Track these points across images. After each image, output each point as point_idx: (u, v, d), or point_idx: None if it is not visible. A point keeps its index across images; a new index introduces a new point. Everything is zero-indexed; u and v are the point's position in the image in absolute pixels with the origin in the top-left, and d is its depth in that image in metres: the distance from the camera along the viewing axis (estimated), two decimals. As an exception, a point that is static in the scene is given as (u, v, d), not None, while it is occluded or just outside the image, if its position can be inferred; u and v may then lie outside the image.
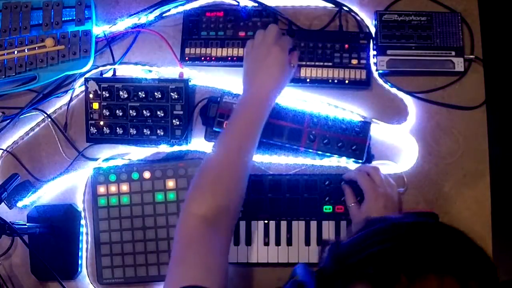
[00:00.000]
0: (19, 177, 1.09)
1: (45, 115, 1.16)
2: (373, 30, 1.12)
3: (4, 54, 1.13)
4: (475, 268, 0.56)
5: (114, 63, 1.16)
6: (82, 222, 1.12)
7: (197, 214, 0.86)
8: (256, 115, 0.96)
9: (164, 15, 1.18)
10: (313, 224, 1.06)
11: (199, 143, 1.12)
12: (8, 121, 1.16)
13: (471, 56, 1.10)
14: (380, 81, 1.11)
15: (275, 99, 1.00)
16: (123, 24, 1.17)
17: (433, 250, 0.57)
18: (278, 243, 1.07)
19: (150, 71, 1.15)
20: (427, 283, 0.53)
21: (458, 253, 0.57)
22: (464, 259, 0.57)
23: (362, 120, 1.08)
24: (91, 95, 1.13)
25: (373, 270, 0.56)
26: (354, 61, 1.10)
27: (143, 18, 1.17)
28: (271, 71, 0.99)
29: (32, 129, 1.17)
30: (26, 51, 1.13)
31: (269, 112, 0.99)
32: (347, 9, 1.14)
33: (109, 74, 1.16)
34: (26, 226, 1.04)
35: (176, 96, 1.10)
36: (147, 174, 1.10)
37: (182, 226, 0.87)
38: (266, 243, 1.07)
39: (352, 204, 1.02)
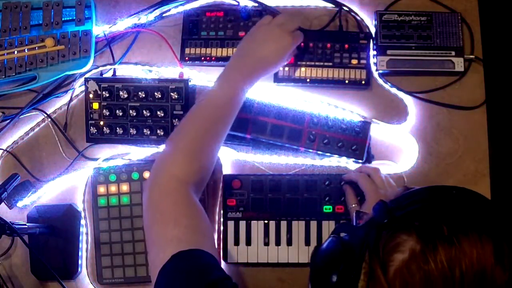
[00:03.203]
0: (19, 177, 1.08)
1: (45, 115, 1.16)
2: (373, 30, 1.12)
3: (4, 54, 1.13)
4: (506, 232, 0.61)
5: (114, 63, 1.16)
6: (82, 222, 1.12)
7: (180, 178, 0.87)
8: (243, 83, 0.98)
9: (164, 15, 1.18)
10: (313, 224, 1.06)
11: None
12: (8, 121, 1.16)
13: (471, 56, 1.10)
14: (380, 81, 1.11)
15: (263, 75, 1.02)
16: (123, 24, 1.17)
17: (475, 211, 0.62)
18: (278, 243, 1.07)
19: (150, 71, 1.16)
20: (467, 239, 0.58)
21: (494, 217, 0.62)
22: (499, 223, 0.61)
23: (362, 120, 1.08)
24: (91, 95, 1.13)
25: (419, 222, 0.60)
26: (354, 61, 1.10)
27: (143, 18, 1.17)
28: (273, 55, 1.01)
29: (32, 129, 1.17)
30: (26, 51, 1.13)
31: (252, 86, 1.00)
32: (347, 9, 1.14)
33: (109, 74, 1.16)
34: (26, 226, 1.04)
35: (176, 96, 1.10)
36: (147, 174, 1.10)
37: (164, 188, 0.87)
38: (266, 243, 1.07)
39: (353, 205, 1.02)
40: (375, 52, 1.11)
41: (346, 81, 1.10)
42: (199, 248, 0.78)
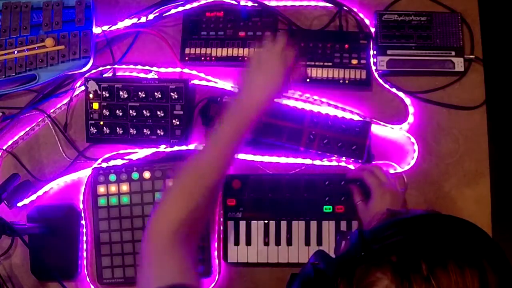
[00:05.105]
0: (19, 177, 1.08)
1: (45, 115, 1.16)
2: (373, 30, 1.12)
3: (4, 54, 1.13)
4: (494, 262, 0.58)
5: (114, 63, 1.16)
6: (82, 222, 1.12)
7: (174, 219, 0.84)
8: (243, 123, 0.92)
9: (164, 15, 1.18)
10: (313, 224, 1.06)
11: (199, 143, 1.11)
12: (8, 121, 1.16)
13: (471, 56, 1.10)
14: (380, 81, 1.11)
15: (263, 106, 0.95)
16: (123, 24, 1.17)
17: (454, 242, 0.59)
18: (278, 243, 1.07)
19: (150, 71, 1.16)
20: (446, 274, 0.55)
21: (479, 247, 0.59)
22: (484, 253, 0.59)
23: (362, 120, 1.08)
24: (91, 95, 1.12)
25: (396, 257, 0.57)
26: (354, 61, 1.10)
27: (143, 18, 1.17)
28: (268, 82, 0.94)
29: (32, 129, 1.17)
30: (26, 51, 1.13)
31: (257, 121, 0.94)
32: (347, 9, 1.14)
33: (109, 74, 1.16)
34: (26, 226, 1.04)
35: (176, 96, 1.10)
36: (147, 174, 1.10)
37: (157, 229, 0.85)
38: (266, 243, 1.07)
39: (359, 202, 1.02)
40: (375, 52, 1.11)
41: (346, 81, 1.10)
42: (179, 282, 0.76)
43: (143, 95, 1.10)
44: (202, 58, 1.14)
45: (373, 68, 1.11)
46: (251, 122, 0.92)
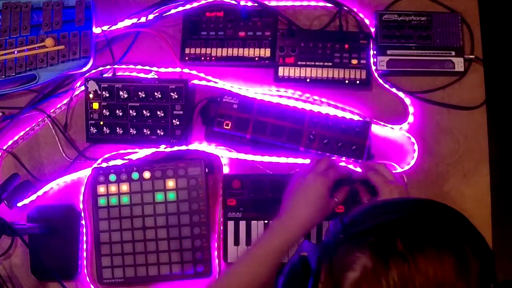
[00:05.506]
0: (19, 177, 1.08)
1: (45, 115, 1.16)
2: (373, 30, 1.12)
3: (4, 54, 1.13)
4: (473, 247, 0.58)
5: (114, 63, 1.16)
6: (82, 222, 1.12)
7: None
8: (279, 243, 0.92)
9: (164, 15, 1.18)
10: (313, 224, 1.06)
11: (199, 143, 1.12)
12: (8, 121, 1.16)
13: (471, 56, 1.10)
14: (380, 81, 1.11)
15: (305, 230, 0.94)
16: (123, 24, 1.17)
17: (433, 224, 0.60)
18: (278, 243, 1.06)
19: (150, 71, 1.16)
20: (422, 255, 0.56)
21: (459, 232, 0.60)
22: (465, 238, 0.59)
23: (362, 120, 1.08)
24: (91, 95, 1.13)
25: (374, 238, 0.58)
26: (354, 61, 1.10)
27: (143, 18, 1.17)
28: (311, 206, 0.93)
29: (32, 129, 1.17)
30: (26, 51, 1.13)
31: (296, 241, 0.93)
32: (347, 9, 1.14)
33: (109, 74, 1.16)
34: (26, 226, 1.04)
35: (176, 96, 1.10)
36: (147, 174, 1.10)
37: None
38: (266, 243, 1.06)
39: (367, 201, 1.01)
40: (375, 52, 1.11)
41: (346, 81, 1.10)
42: None
43: (143, 95, 1.10)
44: (202, 58, 1.14)
45: (373, 68, 1.11)
46: (291, 243, 0.92)
